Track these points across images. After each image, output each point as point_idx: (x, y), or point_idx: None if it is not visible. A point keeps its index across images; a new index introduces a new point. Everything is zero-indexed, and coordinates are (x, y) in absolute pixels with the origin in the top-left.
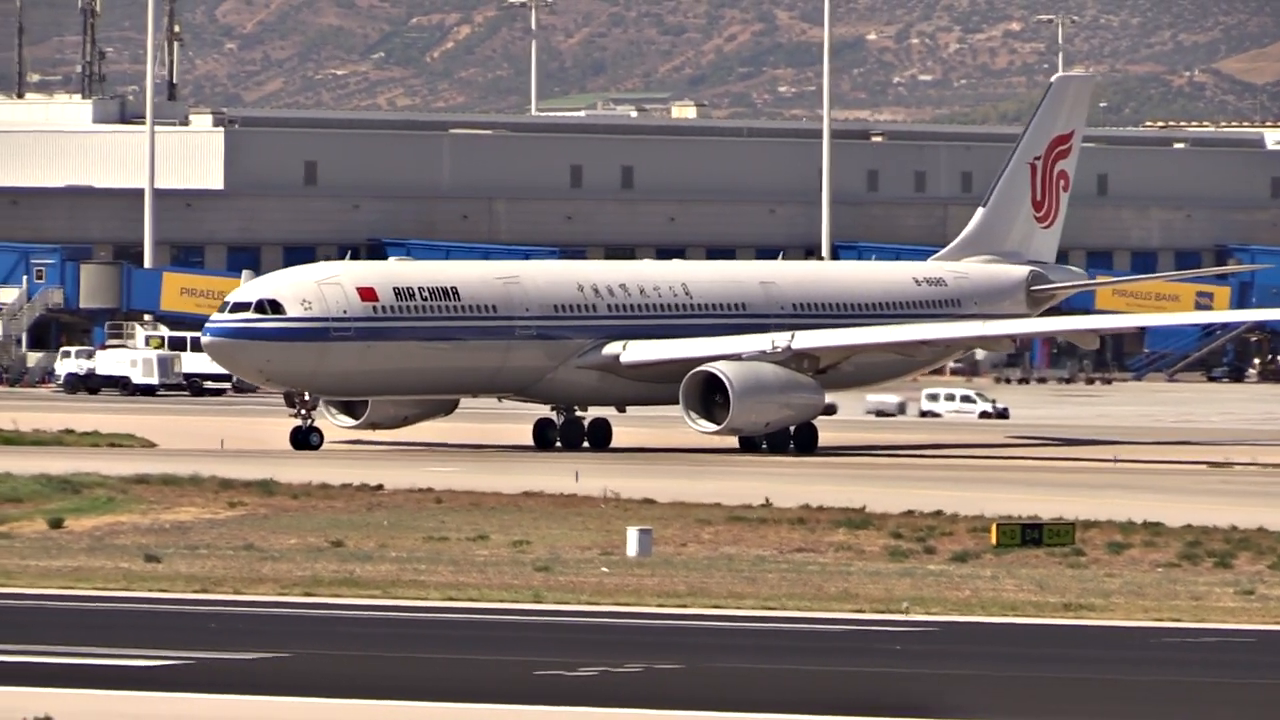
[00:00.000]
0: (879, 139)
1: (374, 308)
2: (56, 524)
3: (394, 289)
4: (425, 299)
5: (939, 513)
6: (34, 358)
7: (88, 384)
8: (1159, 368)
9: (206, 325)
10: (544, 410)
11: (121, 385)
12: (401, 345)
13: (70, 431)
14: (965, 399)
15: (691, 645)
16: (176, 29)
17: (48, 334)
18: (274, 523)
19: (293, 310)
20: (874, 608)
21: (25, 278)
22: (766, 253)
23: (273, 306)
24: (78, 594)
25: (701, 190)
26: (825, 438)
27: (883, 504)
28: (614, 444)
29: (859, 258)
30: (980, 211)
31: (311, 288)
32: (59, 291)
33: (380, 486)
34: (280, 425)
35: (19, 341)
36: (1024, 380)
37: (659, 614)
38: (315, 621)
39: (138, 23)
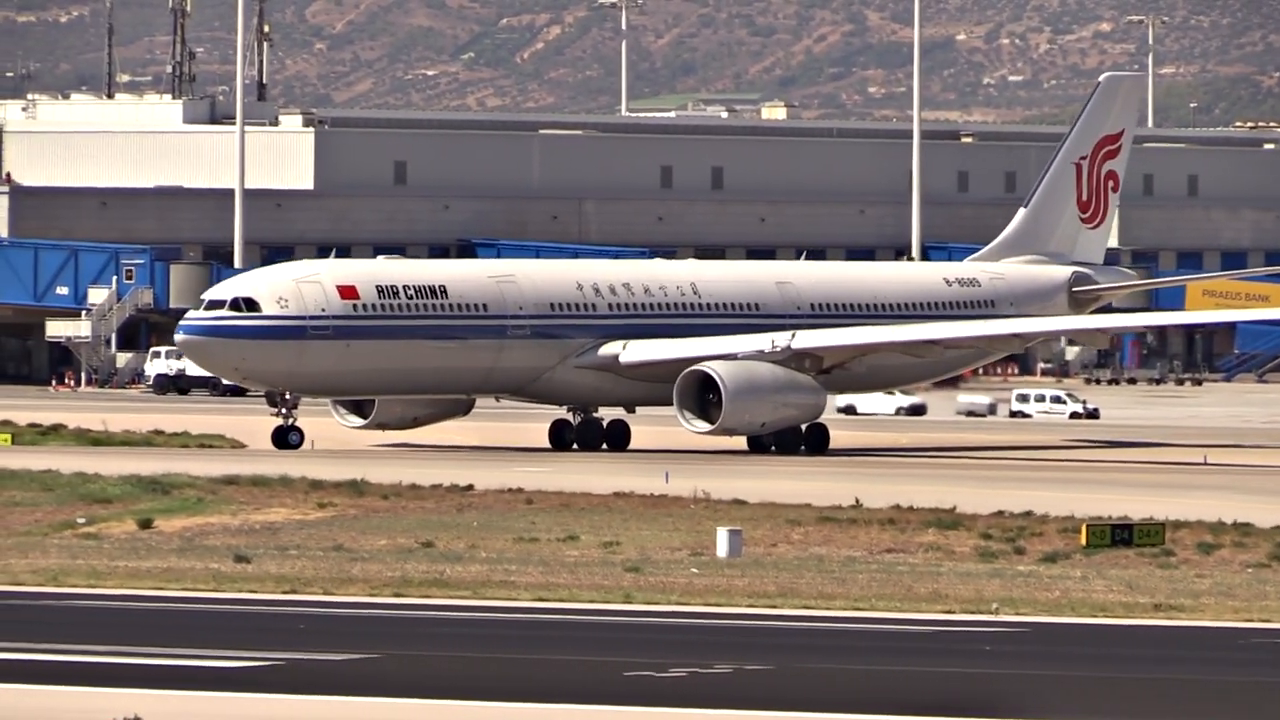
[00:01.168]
0: (969, 140)
1: (354, 306)
2: (146, 525)
3: (377, 287)
4: (410, 297)
5: (1029, 513)
6: (124, 358)
7: (177, 384)
8: (1249, 368)
9: (180, 323)
10: (560, 411)
11: (211, 386)
12: (384, 344)
13: (160, 432)
14: (1055, 400)
15: (781, 646)
16: (266, 29)
17: (137, 334)
18: (364, 524)
19: (268, 308)
20: (964, 608)
21: (115, 278)
22: (857, 253)
23: (248, 304)
24: (167, 595)
25: (792, 191)
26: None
27: (973, 504)
28: (631, 445)
29: (949, 258)
30: (1021, 212)
31: (289, 285)
32: (149, 292)
33: (470, 487)
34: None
35: (109, 342)
36: (1114, 381)
37: (749, 615)
38: (405, 622)
39: (227, 23)
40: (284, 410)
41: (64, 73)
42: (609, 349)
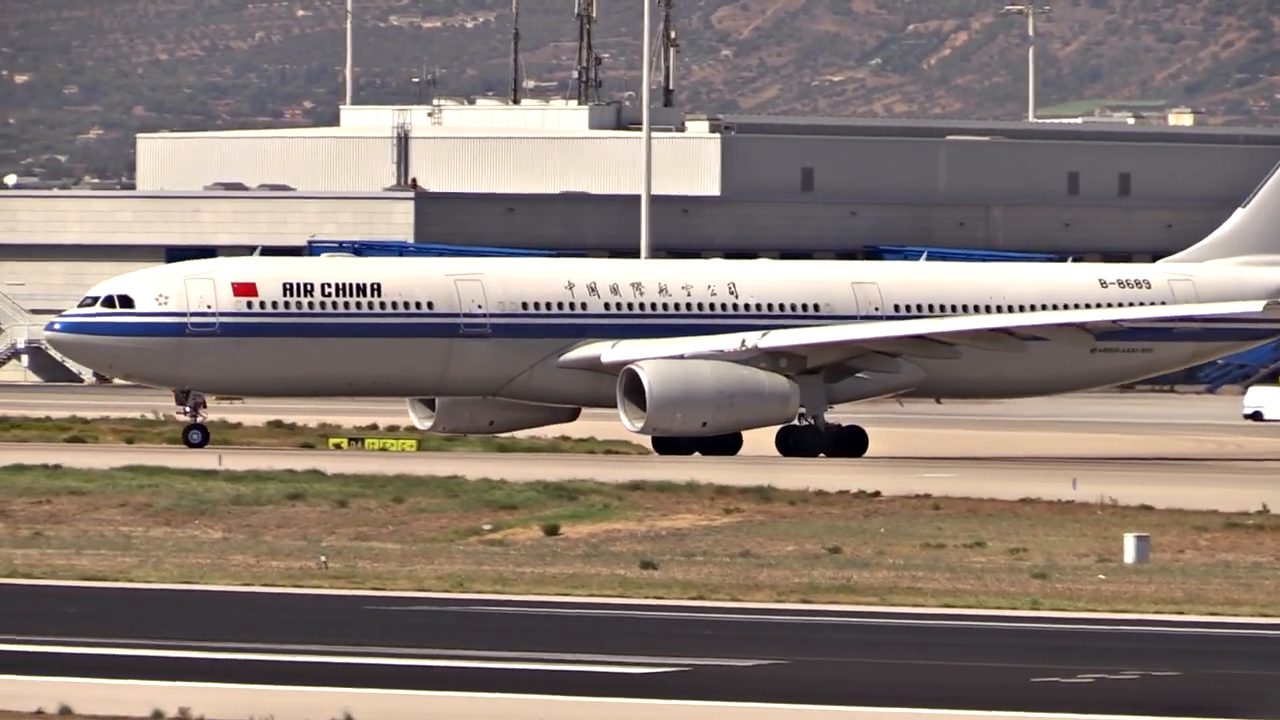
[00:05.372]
0: None
1: (249, 303)
2: (552, 531)
3: (284, 285)
4: (327, 295)
5: None
6: None
7: None
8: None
9: (52, 320)
10: None
11: None
12: (287, 342)
13: (565, 438)
14: None
15: (1188, 652)
16: (673, 35)
17: None
18: (770, 529)
19: (144, 305)
20: None
21: None
22: None
23: (122, 301)
24: (573, 600)
25: (1198, 198)
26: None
27: None
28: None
29: None
30: (1239, 212)
31: (172, 283)
32: None
33: (877, 493)
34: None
35: None
36: None
37: (1156, 621)
38: (812, 628)
39: (633, 29)
40: (190, 408)
41: (470, 78)
42: (592, 349)
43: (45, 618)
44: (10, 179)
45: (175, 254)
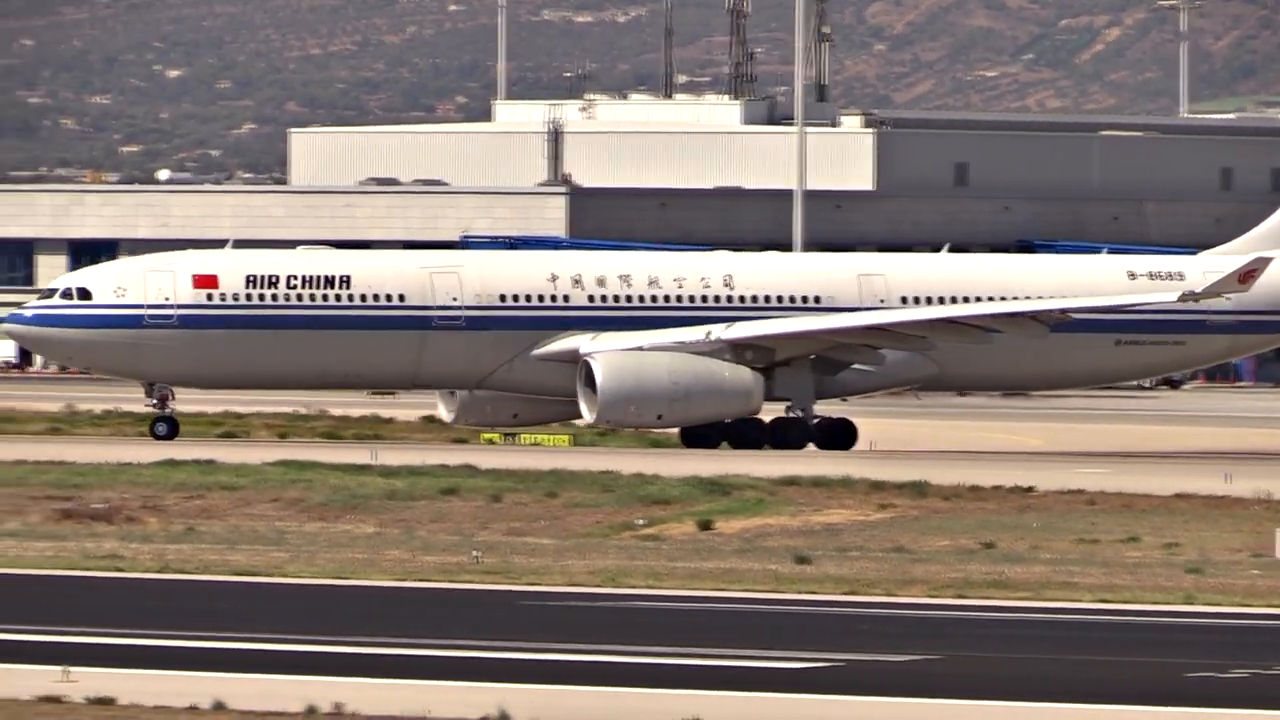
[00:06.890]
0: None
1: (209, 295)
2: (706, 526)
3: (246, 277)
4: (292, 287)
5: None
6: None
7: None
8: None
9: (14, 312)
10: None
11: None
12: (248, 335)
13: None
14: None
15: None
16: (826, 30)
17: None
18: (924, 524)
19: (102, 297)
20: None
21: None
22: None
23: (81, 293)
24: (727, 595)
25: None
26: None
27: None
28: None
29: None
30: None
31: (131, 275)
32: None
33: (1031, 489)
34: (925, 426)
35: None
36: None
37: None
38: (966, 624)
39: (786, 23)
40: (156, 400)
41: (622, 73)
42: (572, 341)
43: (198, 613)
44: (163, 174)
45: None
